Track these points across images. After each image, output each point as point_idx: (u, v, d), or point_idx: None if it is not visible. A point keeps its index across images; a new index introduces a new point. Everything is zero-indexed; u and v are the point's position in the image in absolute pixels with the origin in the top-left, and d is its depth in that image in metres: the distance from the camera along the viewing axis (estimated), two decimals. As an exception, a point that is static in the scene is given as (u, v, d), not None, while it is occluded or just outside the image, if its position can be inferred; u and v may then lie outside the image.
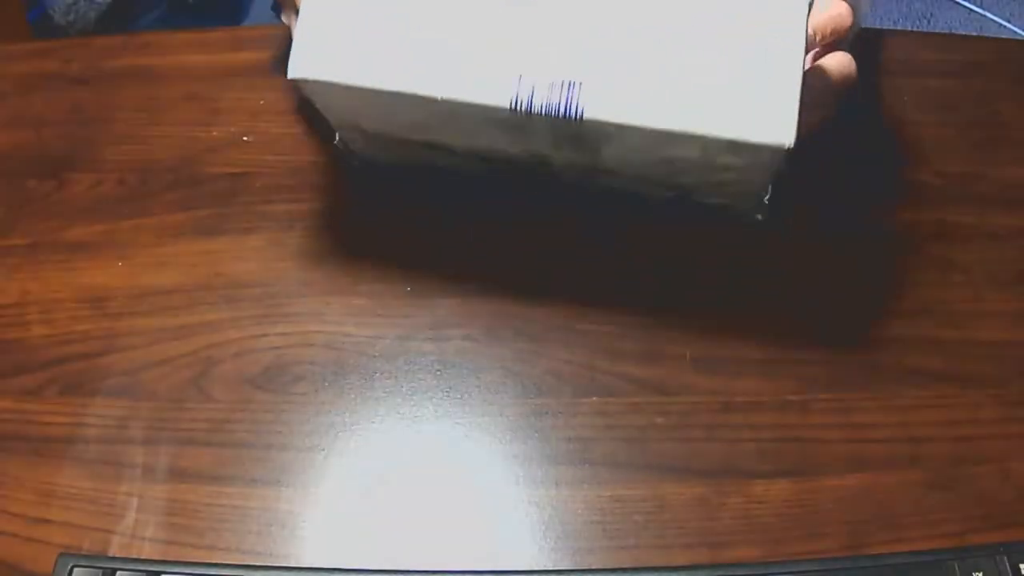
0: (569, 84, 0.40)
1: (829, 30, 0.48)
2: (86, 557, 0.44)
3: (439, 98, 0.41)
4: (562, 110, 0.41)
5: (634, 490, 0.47)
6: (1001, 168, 0.61)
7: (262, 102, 0.64)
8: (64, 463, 0.48)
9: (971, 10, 1.74)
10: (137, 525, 0.46)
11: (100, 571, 0.43)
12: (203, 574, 0.43)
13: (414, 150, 0.52)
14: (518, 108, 0.40)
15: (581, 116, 0.41)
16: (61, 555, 0.44)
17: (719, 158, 0.44)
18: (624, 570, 0.45)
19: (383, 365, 0.52)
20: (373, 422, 0.50)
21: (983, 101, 0.65)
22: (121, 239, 0.57)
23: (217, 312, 0.54)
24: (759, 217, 0.54)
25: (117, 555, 0.45)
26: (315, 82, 0.44)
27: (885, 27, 0.70)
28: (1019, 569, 0.43)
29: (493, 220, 0.58)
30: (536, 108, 0.40)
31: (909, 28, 1.66)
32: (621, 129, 0.43)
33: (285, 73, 0.44)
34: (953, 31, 1.70)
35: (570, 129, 0.42)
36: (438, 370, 0.52)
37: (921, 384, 0.51)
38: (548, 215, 0.57)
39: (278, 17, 0.58)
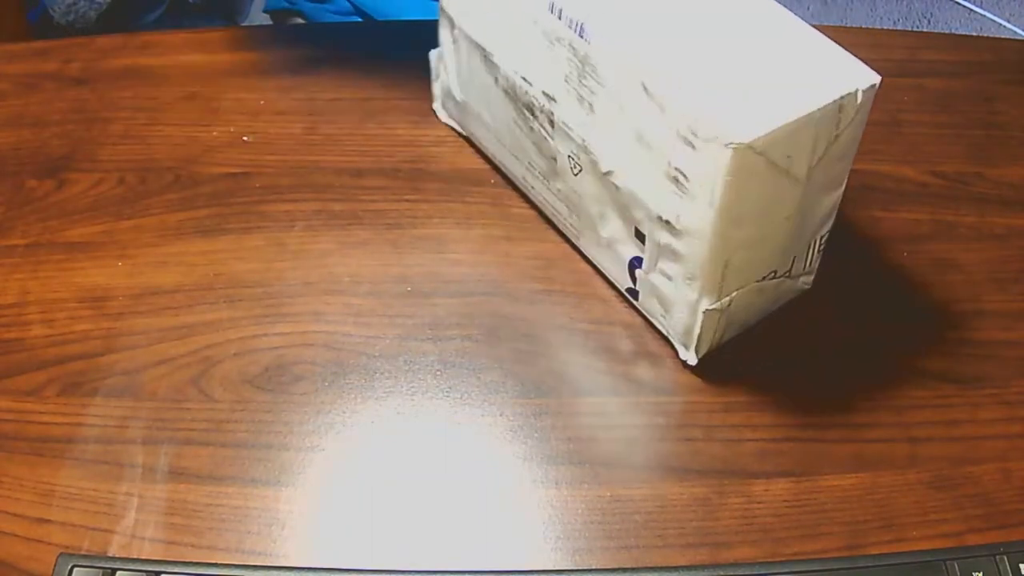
0: (590, 13, 0.47)
1: None
2: (86, 557, 0.44)
3: None
4: (578, 29, 0.47)
5: (634, 490, 0.47)
6: (1000, 168, 0.61)
7: (262, 102, 0.64)
8: (64, 463, 0.48)
9: (971, 10, 1.74)
10: (137, 525, 0.46)
11: (100, 571, 0.43)
12: (203, 574, 0.43)
13: (477, 71, 0.56)
14: (553, 9, 0.48)
15: (585, 33, 0.47)
16: (61, 555, 0.44)
17: (674, 156, 0.44)
18: (624, 570, 0.45)
19: (383, 365, 0.52)
20: (373, 422, 0.50)
21: (982, 101, 0.66)
22: (121, 239, 0.57)
23: (217, 312, 0.54)
24: (692, 361, 0.51)
25: (117, 555, 0.45)
26: None
27: (885, 27, 0.70)
28: (1019, 569, 0.43)
29: (493, 220, 0.58)
30: (563, 17, 0.48)
31: (909, 28, 1.66)
32: (616, 70, 0.45)
33: None
34: (953, 31, 1.70)
35: (580, 51, 0.47)
36: (438, 370, 0.52)
37: (921, 384, 0.51)
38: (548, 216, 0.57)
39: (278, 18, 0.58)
